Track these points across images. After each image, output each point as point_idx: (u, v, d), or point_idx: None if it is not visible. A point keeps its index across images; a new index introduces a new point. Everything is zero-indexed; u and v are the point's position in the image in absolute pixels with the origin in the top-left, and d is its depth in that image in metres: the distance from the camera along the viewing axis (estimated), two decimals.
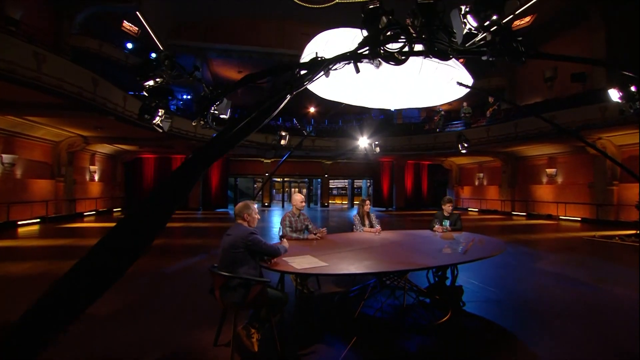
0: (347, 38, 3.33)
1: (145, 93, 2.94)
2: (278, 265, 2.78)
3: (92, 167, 16.70)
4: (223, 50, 20.67)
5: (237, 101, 23.80)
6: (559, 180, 16.56)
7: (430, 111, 21.43)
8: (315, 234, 4.08)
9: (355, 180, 26.13)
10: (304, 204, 4.40)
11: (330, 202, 29.77)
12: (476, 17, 1.75)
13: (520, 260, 6.49)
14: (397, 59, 1.86)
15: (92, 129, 12.22)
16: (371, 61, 1.92)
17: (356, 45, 2.03)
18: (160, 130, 3.46)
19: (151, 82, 2.73)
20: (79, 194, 15.06)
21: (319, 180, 24.37)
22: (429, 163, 23.27)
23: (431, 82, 3.73)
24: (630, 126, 11.15)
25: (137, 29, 17.55)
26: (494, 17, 1.72)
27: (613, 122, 11.23)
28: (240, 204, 2.92)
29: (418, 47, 1.96)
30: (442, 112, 17.16)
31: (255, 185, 27.77)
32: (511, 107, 18.68)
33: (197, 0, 18.54)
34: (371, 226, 5.02)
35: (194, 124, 3.32)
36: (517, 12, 16.00)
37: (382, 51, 1.83)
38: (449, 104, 23.00)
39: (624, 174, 13.17)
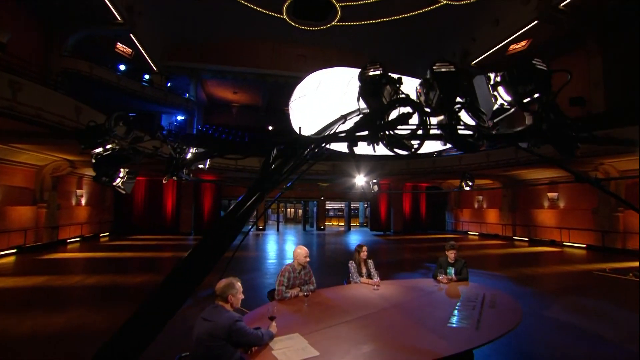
0: (342, 81, 2.99)
1: (93, 160, 2.53)
2: (259, 356, 2.32)
3: (78, 191, 16.18)
4: (217, 71, 20.65)
5: (232, 121, 23.61)
6: (561, 204, 16.25)
7: None
8: (306, 295, 3.62)
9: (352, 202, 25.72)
10: (308, 259, 3.92)
11: (326, 224, 29.24)
12: (511, 91, 1.39)
13: (529, 304, 6.02)
14: (407, 145, 1.46)
15: (78, 153, 11.81)
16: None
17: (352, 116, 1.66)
18: (123, 192, 3.06)
19: (100, 150, 2.32)
20: (64, 219, 14.48)
21: (315, 202, 23.94)
22: (428, 185, 22.98)
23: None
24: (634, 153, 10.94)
25: (130, 50, 17.48)
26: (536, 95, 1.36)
27: (615, 150, 11.02)
28: (223, 282, 2.46)
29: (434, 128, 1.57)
30: None
31: None
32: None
33: (192, 22, 18.61)
34: (369, 275, 4.57)
35: (164, 181, 2.93)
36: (512, 37, 16.15)
37: (385, 135, 1.44)
38: None
39: (630, 200, 12.88)
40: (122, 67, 17.55)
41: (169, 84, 19.81)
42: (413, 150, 1.42)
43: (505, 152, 14.17)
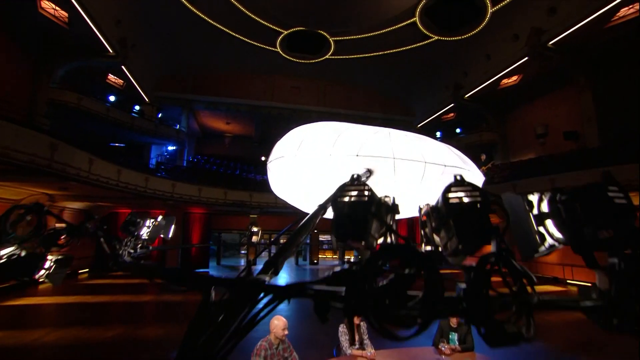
0: (327, 140, 2.53)
1: None
2: None
3: (58, 225, 15.28)
4: (210, 103, 20.53)
5: (225, 152, 23.26)
6: None
7: None
8: None
9: None
10: (286, 332, 3.31)
11: (320, 256, 28.25)
12: (563, 229, 0.89)
13: None
14: (407, 320, 0.87)
15: (56, 189, 11.17)
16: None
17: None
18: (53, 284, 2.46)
19: None
20: None
21: (309, 235, 23.15)
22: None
23: (436, 188, 2.89)
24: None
25: (122, 81, 17.30)
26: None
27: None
28: None
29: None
30: None
31: (242, 240, 26.31)
32: (504, 162, 18.47)
33: (185, 54, 18.67)
34: (361, 344, 3.95)
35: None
36: (503, 72, 16.35)
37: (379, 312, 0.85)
38: None
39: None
40: (112, 98, 17.31)
41: (160, 115, 19.55)
42: (419, 326, 0.84)
43: (502, 188, 13.85)
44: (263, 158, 27.09)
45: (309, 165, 2.58)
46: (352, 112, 22.56)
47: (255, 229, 9.49)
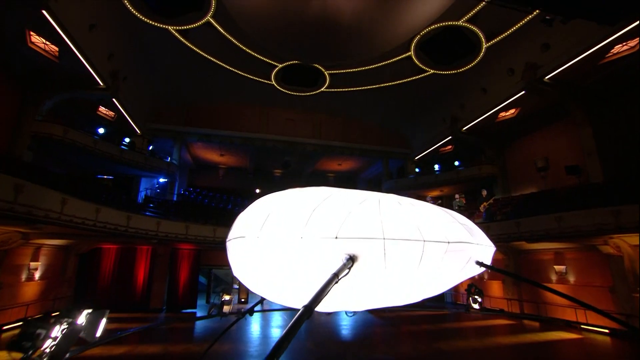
0: (298, 217, 1.97)
1: None
2: None
3: (32, 264, 14.35)
4: (203, 135, 20.27)
5: (219, 184, 22.77)
6: (571, 279, 14.90)
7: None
8: None
9: None
10: None
11: None
12: None
13: None
14: None
15: (28, 228, 10.44)
16: None
17: None
18: None
19: None
20: (5, 300, 12.48)
21: None
22: None
23: (438, 272, 2.29)
24: None
25: (113, 113, 17.08)
26: None
27: (629, 227, 10.15)
28: None
29: None
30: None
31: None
32: (505, 197, 17.99)
33: (177, 86, 18.62)
34: None
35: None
36: (500, 106, 16.23)
37: None
38: (440, 190, 22.48)
39: None
40: (102, 130, 17.01)
41: (151, 147, 19.19)
42: None
43: (505, 226, 13.31)
44: (258, 190, 26.55)
45: (274, 249, 1.99)
46: (349, 144, 22.34)
47: (226, 298, 8.67)
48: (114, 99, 15.16)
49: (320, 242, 1.87)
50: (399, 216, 2.06)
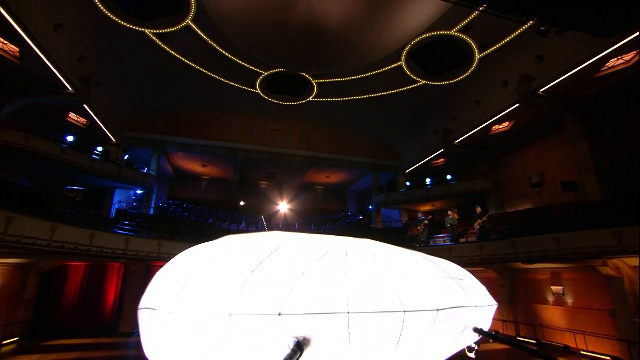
0: (226, 288, 1.31)
1: None
2: None
3: None
4: (183, 144, 19.49)
5: (201, 196, 21.75)
6: (569, 301, 14.41)
7: (412, 218, 20.12)
8: None
9: None
10: None
11: None
12: None
13: None
14: None
15: None
16: None
17: None
18: None
19: None
20: None
21: None
22: None
23: (423, 349, 1.66)
24: None
25: (85, 120, 16.19)
26: None
27: (631, 251, 9.74)
28: None
29: None
30: (426, 221, 15.69)
31: None
32: (499, 213, 17.61)
33: (157, 93, 17.89)
34: None
35: None
36: (494, 119, 15.97)
37: None
38: (432, 204, 22.04)
39: None
40: (70, 139, 16.08)
41: (126, 157, 18.28)
42: None
43: (501, 246, 12.82)
44: (242, 203, 25.69)
45: (192, 330, 1.33)
46: (337, 156, 21.80)
47: None
48: (85, 105, 14.33)
49: (257, 322, 1.23)
50: (371, 277, 1.42)
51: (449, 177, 21.40)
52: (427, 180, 22.10)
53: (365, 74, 16.44)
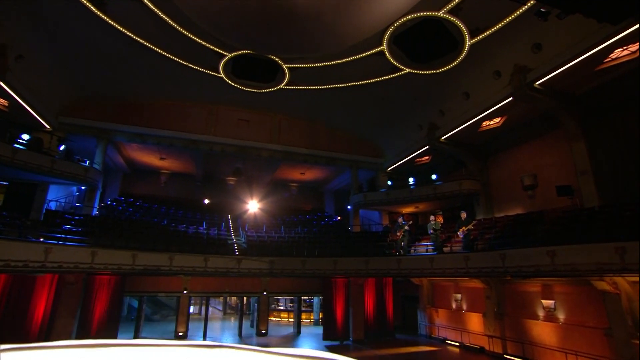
0: None
1: None
2: None
3: None
4: (135, 134, 17.48)
5: (161, 192, 19.60)
6: (561, 317, 13.54)
7: (393, 221, 18.93)
8: None
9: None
10: None
11: (273, 318, 24.65)
12: None
13: None
14: None
15: None
16: None
17: None
18: None
19: None
20: None
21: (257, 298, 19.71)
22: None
23: None
24: None
25: (5, 101, 13.95)
26: None
27: (634, 269, 8.75)
28: None
29: None
30: (407, 227, 14.49)
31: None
32: (487, 218, 16.60)
33: (102, 73, 15.78)
34: None
35: None
36: (485, 113, 14.86)
37: None
38: (415, 206, 20.93)
39: None
40: None
41: (62, 147, 16.12)
42: None
43: (488, 258, 11.73)
44: (207, 201, 23.87)
45: None
46: (312, 151, 20.31)
47: None
48: (0, 82, 12.20)
49: None
50: None
51: (434, 177, 20.30)
52: (411, 179, 20.95)
53: (343, 60, 14.93)
